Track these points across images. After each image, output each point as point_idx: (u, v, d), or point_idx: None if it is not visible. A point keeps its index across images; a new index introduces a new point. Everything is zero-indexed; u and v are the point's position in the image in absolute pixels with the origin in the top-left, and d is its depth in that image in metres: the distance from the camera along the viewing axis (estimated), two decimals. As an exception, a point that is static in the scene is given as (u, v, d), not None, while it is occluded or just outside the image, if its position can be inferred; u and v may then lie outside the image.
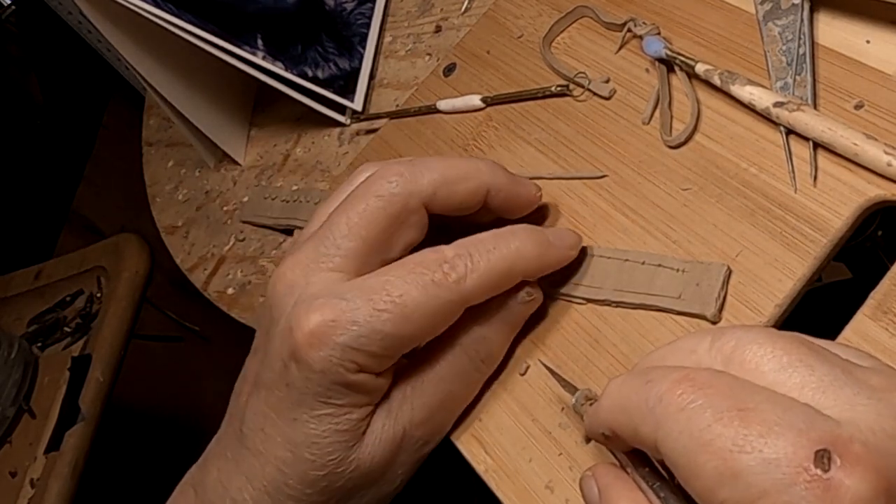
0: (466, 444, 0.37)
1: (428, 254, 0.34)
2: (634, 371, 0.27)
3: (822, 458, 0.21)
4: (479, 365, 0.36)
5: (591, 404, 0.31)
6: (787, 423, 0.22)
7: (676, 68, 0.40)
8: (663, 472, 0.27)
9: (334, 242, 0.35)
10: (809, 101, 0.36)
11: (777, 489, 0.21)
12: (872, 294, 0.31)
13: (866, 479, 0.20)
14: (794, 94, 0.36)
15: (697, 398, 0.23)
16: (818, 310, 0.36)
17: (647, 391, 0.25)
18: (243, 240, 0.59)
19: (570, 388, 0.34)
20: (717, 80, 0.38)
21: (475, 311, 0.35)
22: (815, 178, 0.35)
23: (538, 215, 0.41)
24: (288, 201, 0.55)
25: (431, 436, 0.37)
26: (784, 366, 0.23)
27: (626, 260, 0.37)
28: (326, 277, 0.34)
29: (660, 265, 0.36)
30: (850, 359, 0.24)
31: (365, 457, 0.35)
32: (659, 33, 0.42)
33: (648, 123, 0.41)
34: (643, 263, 0.36)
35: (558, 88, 0.45)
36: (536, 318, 0.38)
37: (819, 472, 0.20)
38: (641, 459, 0.27)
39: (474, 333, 0.36)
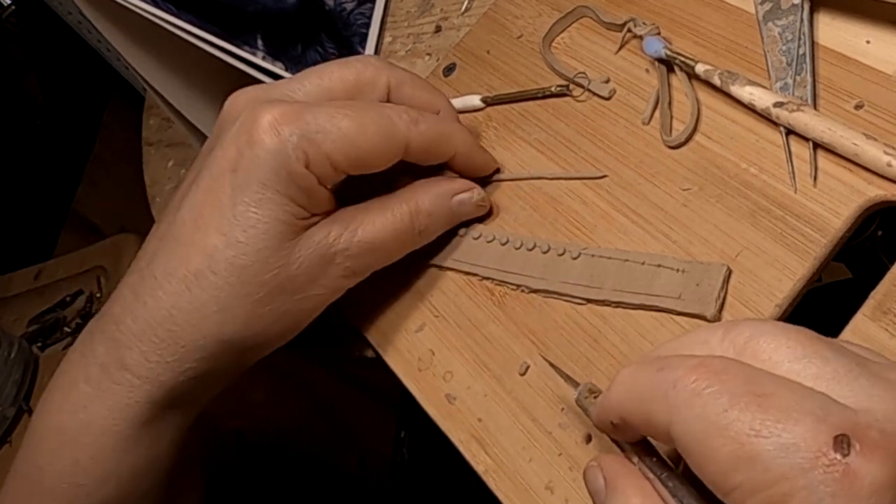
0: (466, 444, 0.37)
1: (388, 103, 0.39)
2: (646, 360, 0.27)
3: (842, 443, 0.21)
4: (416, 236, 0.40)
5: (595, 397, 0.31)
6: (804, 409, 0.21)
7: (676, 68, 0.40)
8: (670, 463, 0.27)
9: (301, 87, 0.39)
10: (809, 102, 0.36)
11: (795, 473, 0.21)
12: (872, 294, 0.31)
13: (886, 465, 0.20)
14: (794, 94, 0.36)
15: (713, 384, 0.23)
16: (818, 310, 0.36)
17: (661, 378, 0.25)
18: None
19: (573, 382, 0.33)
20: (717, 81, 0.38)
21: (429, 190, 0.40)
22: (815, 178, 0.35)
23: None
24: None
25: (353, 272, 0.39)
26: (799, 357, 0.23)
27: (626, 260, 0.37)
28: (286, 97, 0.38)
29: (660, 265, 0.36)
30: (863, 354, 0.25)
31: (293, 259, 0.36)
32: (659, 33, 0.42)
33: (648, 124, 0.41)
34: (643, 263, 0.36)
35: (558, 88, 0.45)
36: (536, 318, 0.39)
37: (838, 456, 0.20)
38: (648, 450, 0.27)
39: (424, 206, 0.39)
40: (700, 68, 0.39)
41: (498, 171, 0.44)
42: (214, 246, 0.35)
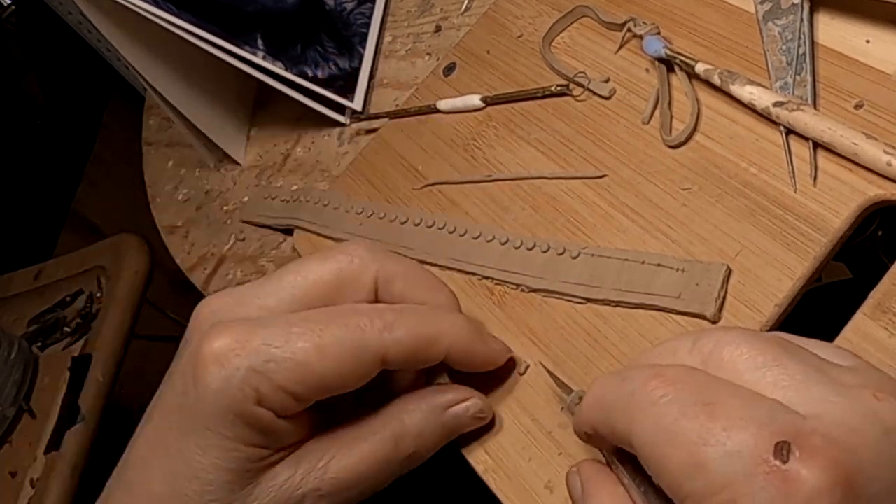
0: (466, 444, 0.37)
1: (360, 304, 0.33)
2: (616, 371, 0.27)
3: (782, 450, 0.21)
4: (403, 461, 0.34)
5: None
6: (750, 417, 0.22)
7: (676, 68, 0.40)
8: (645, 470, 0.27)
9: (275, 292, 0.33)
10: (809, 101, 0.36)
11: (738, 480, 0.21)
12: (872, 294, 0.31)
13: (825, 471, 0.20)
14: (793, 93, 0.36)
15: (667, 393, 0.24)
16: (818, 310, 0.36)
17: (622, 388, 0.25)
18: (243, 239, 0.59)
19: (566, 389, 0.34)
20: (716, 80, 0.38)
21: (416, 406, 0.34)
22: (815, 177, 0.35)
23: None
24: (288, 201, 0.55)
25: None
26: (759, 365, 0.24)
27: (626, 259, 0.37)
28: (255, 309, 0.33)
29: (659, 265, 0.36)
30: (830, 358, 0.25)
31: None
32: (659, 33, 0.42)
33: (648, 123, 0.41)
34: (643, 263, 0.36)
35: (558, 88, 0.45)
36: (536, 318, 0.38)
37: (778, 463, 0.21)
38: (625, 457, 0.28)
39: (410, 428, 0.34)
40: (700, 68, 0.39)
41: (493, 173, 0.44)
42: (158, 496, 0.31)
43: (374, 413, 0.34)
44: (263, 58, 0.54)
